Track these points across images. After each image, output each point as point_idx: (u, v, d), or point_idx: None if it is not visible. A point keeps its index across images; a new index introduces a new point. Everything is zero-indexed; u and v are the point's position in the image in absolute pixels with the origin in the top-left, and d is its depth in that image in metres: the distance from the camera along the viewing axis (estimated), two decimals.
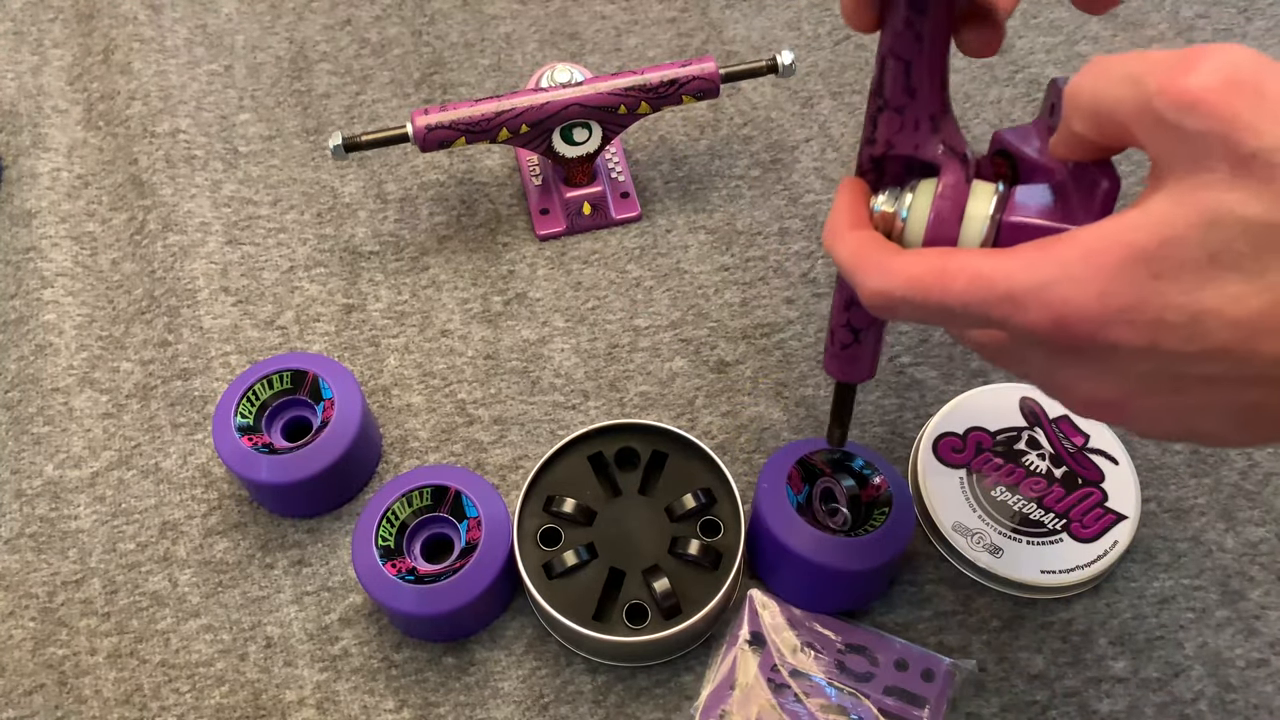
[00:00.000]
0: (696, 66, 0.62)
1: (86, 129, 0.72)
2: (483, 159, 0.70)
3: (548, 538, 0.53)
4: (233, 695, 0.54)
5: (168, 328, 0.64)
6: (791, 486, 0.52)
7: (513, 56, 0.75)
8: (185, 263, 0.66)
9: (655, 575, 0.52)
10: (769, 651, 0.52)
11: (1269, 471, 0.57)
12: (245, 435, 0.55)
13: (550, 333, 0.63)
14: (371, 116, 0.72)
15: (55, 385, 0.62)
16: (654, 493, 0.55)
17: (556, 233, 0.66)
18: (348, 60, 0.75)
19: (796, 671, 0.51)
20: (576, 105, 0.61)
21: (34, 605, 0.56)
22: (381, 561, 0.51)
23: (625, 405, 0.61)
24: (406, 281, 0.65)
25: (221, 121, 0.72)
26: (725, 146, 0.70)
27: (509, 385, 0.61)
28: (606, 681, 0.53)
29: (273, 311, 0.64)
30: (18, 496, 0.59)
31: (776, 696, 0.51)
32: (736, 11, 0.76)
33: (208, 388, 0.62)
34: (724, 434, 0.60)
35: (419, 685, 0.53)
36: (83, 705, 0.54)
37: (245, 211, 0.68)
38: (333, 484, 0.56)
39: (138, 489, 0.59)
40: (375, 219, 0.68)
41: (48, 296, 0.65)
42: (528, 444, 0.60)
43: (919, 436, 0.58)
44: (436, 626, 0.53)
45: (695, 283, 0.65)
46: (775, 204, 0.67)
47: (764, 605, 0.53)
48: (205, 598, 0.56)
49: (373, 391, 0.62)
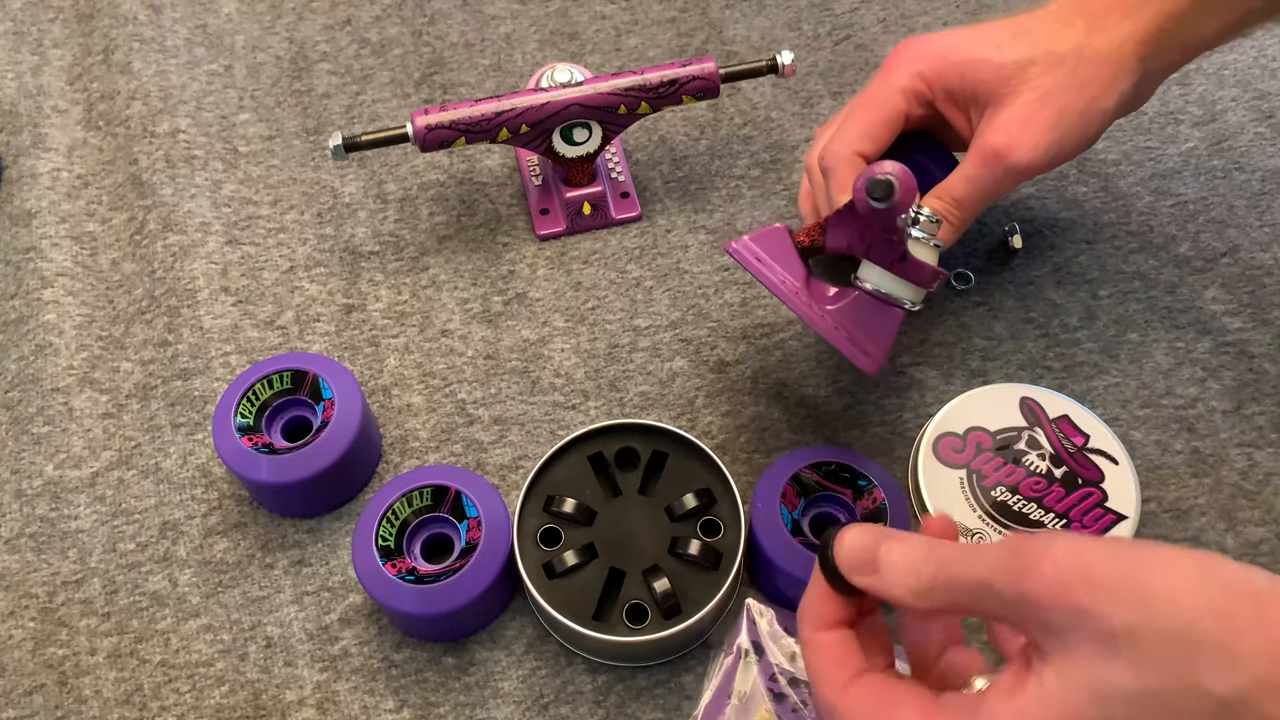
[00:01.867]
0: (696, 66, 0.62)
1: (86, 129, 0.72)
2: (483, 159, 0.70)
3: (548, 538, 0.53)
4: (233, 695, 0.54)
5: (168, 328, 0.64)
6: (786, 504, 0.53)
7: (513, 56, 0.75)
8: (185, 263, 0.66)
9: (655, 575, 0.52)
10: (767, 660, 0.52)
11: (1269, 472, 0.57)
12: (245, 435, 0.55)
13: (550, 333, 0.63)
14: (371, 116, 0.72)
15: (55, 385, 0.62)
16: (654, 493, 0.55)
17: (556, 233, 0.66)
18: (348, 60, 0.75)
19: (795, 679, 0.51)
20: (576, 105, 0.61)
21: (34, 605, 0.56)
22: (381, 561, 0.51)
23: (625, 405, 0.61)
24: (406, 281, 0.65)
25: (221, 121, 0.72)
26: (725, 146, 0.70)
27: (509, 385, 0.61)
28: (606, 682, 0.53)
29: (273, 311, 0.64)
30: (18, 496, 0.59)
31: (776, 705, 0.51)
32: (736, 11, 0.76)
33: (208, 388, 0.62)
34: (724, 434, 0.60)
35: (419, 685, 0.53)
36: (83, 705, 0.54)
37: (245, 211, 0.68)
38: (333, 484, 0.56)
39: (138, 489, 0.59)
40: (375, 219, 0.68)
41: (48, 296, 0.65)
42: (528, 444, 0.60)
43: (919, 436, 0.58)
44: (436, 626, 0.53)
45: (695, 283, 0.65)
46: (775, 204, 0.67)
47: (760, 613, 0.53)
48: (205, 598, 0.56)
49: (373, 391, 0.62)
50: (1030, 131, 0.51)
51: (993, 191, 0.53)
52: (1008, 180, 0.52)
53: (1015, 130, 0.51)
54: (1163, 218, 0.65)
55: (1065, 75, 0.51)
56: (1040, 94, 0.51)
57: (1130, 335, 0.61)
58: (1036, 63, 0.51)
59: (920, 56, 0.54)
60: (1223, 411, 0.59)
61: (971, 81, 0.53)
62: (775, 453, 0.59)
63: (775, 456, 0.58)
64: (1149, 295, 0.63)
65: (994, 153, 0.51)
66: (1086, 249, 0.64)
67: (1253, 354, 0.60)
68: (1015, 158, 0.51)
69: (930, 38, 0.55)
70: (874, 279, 0.51)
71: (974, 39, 0.54)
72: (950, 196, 0.53)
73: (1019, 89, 0.52)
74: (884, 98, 0.54)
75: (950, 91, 0.54)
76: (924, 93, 0.54)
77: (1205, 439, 0.58)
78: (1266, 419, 0.58)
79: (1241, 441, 0.58)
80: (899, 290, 0.51)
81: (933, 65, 0.54)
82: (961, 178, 0.53)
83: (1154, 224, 0.65)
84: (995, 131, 0.52)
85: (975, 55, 0.53)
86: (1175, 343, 0.61)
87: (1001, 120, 0.52)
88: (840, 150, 0.54)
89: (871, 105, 0.54)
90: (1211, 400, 0.59)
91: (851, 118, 0.55)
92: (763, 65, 0.63)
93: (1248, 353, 0.60)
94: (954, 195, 0.53)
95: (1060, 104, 0.51)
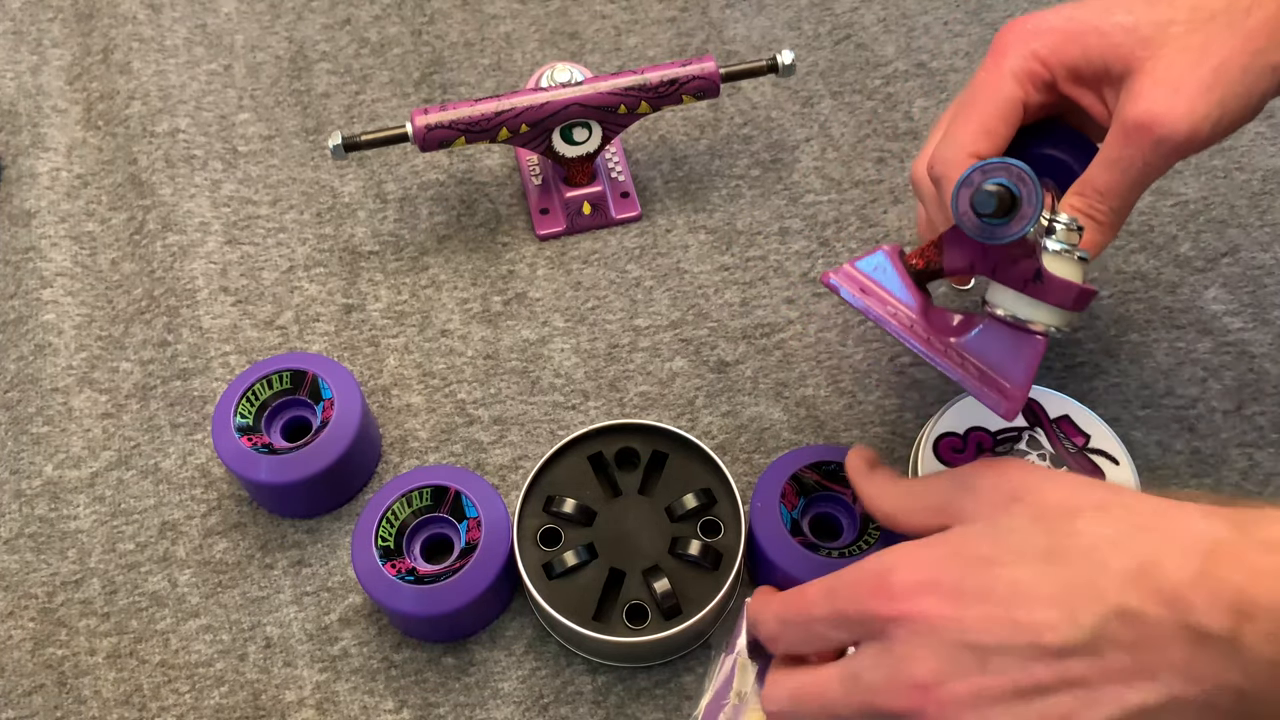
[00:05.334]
0: (696, 66, 0.62)
1: (86, 129, 0.72)
2: (483, 159, 0.70)
3: (548, 538, 0.53)
4: (232, 695, 0.53)
5: (167, 328, 0.64)
6: (786, 504, 0.52)
7: (513, 56, 0.75)
8: (185, 262, 0.66)
9: (655, 575, 0.52)
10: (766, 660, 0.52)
11: (1270, 472, 0.57)
12: (245, 435, 0.55)
13: (550, 333, 0.63)
14: (371, 116, 0.72)
15: (55, 385, 0.62)
16: (654, 493, 0.55)
17: (556, 233, 0.66)
18: (347, 60, 0.75)
19: None
20: (576, 105, 0.61)
21: (33, 605, 0.56)
22: (381, 562, 0.51)
23: (625, 405, 0.61)
24: (406, 281, 0.65)
25: (221, 121, 0.72)
26: (725, 146, 0.70)
27: (509, 385, 0.61)
28: (606, 682, 0.53)
29: (272, 311, 0.64)
30: (17, 496, 0.59)
31: None
32: (736, 11, 0.76)
33: (207, 388, 0.62)
34: (724, 434, 0.59)
35: (419, 685, 0.53)
36: (82, 705, 0.54)
37: (245, 211, 0.68)
38: (332, 484, 0.56)
39: (137, 489, 0.59)
40: (375, 219, 0.68)
41: (47, 296, 0.65)
42: (528, 444, 0.60)
43: (919, 437, 0.58)
44: (436, 627, 0.53)
45: (695, 283, 0.65)
46: (775, 204, 0.67)
47: None
48: (205, 598, 0.56)
49: (372, 391, 0.62)
50: (1183, 95, 0.42)
51: (1146, 176, 0.44)
52: (1161, 158, 0.43)
53: (1164, 96, 0.42)
54: (1163, 218, 0.65)
55: (1220, 28, 0.43)
56: (1191, 51, 0.43)
57: (1131, 335, 0.61)
58: (1178, 21, 0.43)
59: (1034, 33, 0.46)
60: (1223, 412, 0.59)
61: (1100, 50, 0.44)
62: (775, 453, 0.59)
63: (775, 456, 0.58)
64: (1149, 295, 0.63)
65: (1139, 124, 0.43)
66: None
67: (1253, 354, 0.60)
68: (1168, 127, 0.42)
69: (1041, 13, 0.46)
70: (1006, 304, 0.43)
71: (1098, 7, 0.45)
72: (1093, 189, 0.45)
73: (1162, 48, 0.43)
74: (996, 86, 0.46)
75: (1074, 69, 0.46)
76: (1042, 75, 0.46)
77: (1206, 439, 0.58)
78: (1267, 419, 0.58)
79: (1242, 442, 0.58)
80: (1038, 315, 0.42)
81: (1049, 41, 0.45)
82: (1104, 163, 0.44)
83: (1154, 224, 0.65)
84: (1138, 100, 0.43)
85: (1101, 23, 0.45)
86: (1176, 343, 0.61)
87: (1144, 87, 0.43)
88: (952, 154, 0.46)
89: (982, 97, 0.46)
90: (1212, 400, 0.59)
91: (961, 115, 0.47)
92: (763, 65, 0.63)
93: (1248, 353, 0.60)
94: (1097, 187, 0.45)
95: (1217, 60, 0.42)
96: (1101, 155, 0.45)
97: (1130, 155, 0.43)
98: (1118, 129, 0.44)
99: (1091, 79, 0.46)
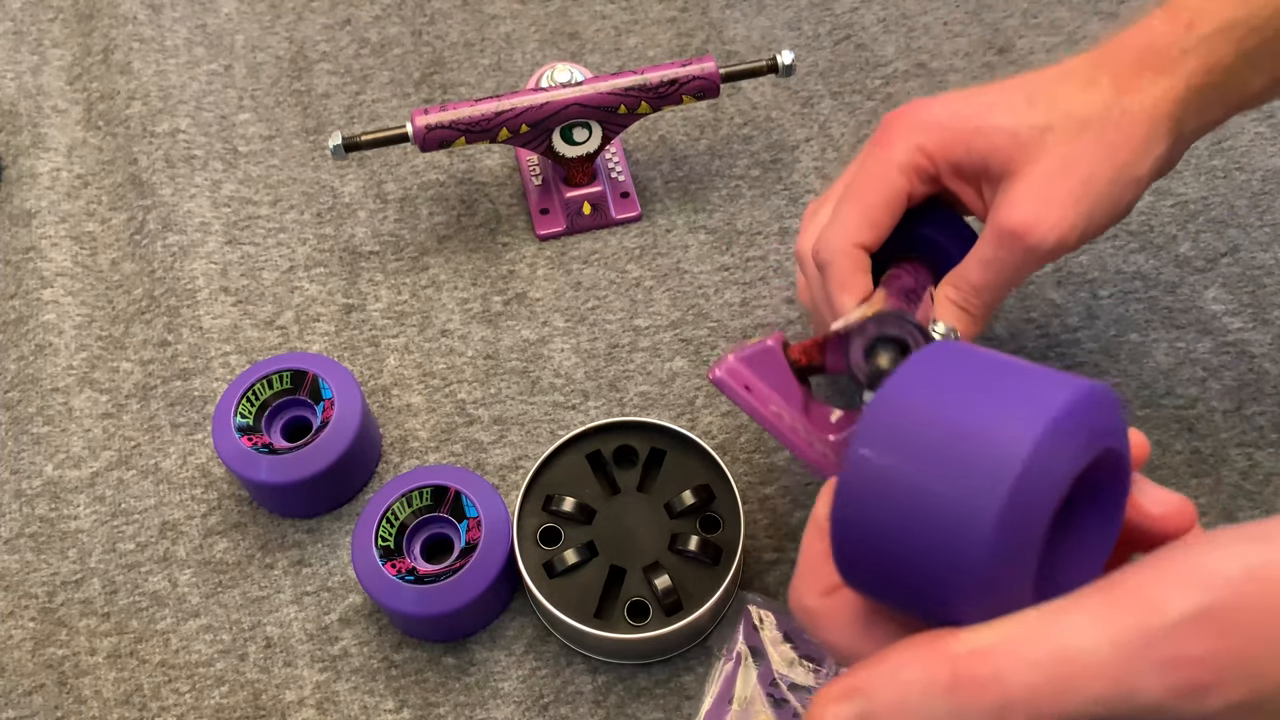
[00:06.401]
0: (696, 66, 0.62)
1: (86, 129, 0.72)
2: (483, 159, 0.70)
3: (548, 537, 0.53)
4: (232, 695, 0.53)
5: (167, 328, 0.64)
6: None
7: (513, 56, 0.75)
8: (185, 263, 0.66)
9: (656, 572, 0.52)
10: (768, 665, 0.52)
11: (1270, 472, 0.57)
12: (245, 435, 0.55)
13: (550, 333, 0.63)
14: (371, 116, 0.72)
15: (55, 385, 0.62)
16: (653, 490, 0.55)
17: (556, 233, 0.66)
18: (348, 60, 0.75)
19: (795, 685, 0.51)
20: (576, 105, 0.61)
21: (34, 605, 0.56)
22: (381, 561, 0.51)
23: (625, 405, 0.61)
24: (406, 281, 0.65)
25: (221, 121, 0.72)
26: (725, 146, 0.70)
27: (509, 385, 0.61)
28: (607, 681, 0.53)
29: (272, 311, 0.64)
30: (17, 496, 0.59)
31: (775, 711, 0.50)
32: (736, 11, 0.76)
33: (207, 388, 0.62)
34: (724, 434, 0.60)
35: (419, 685, 0.53)
36: (82, 705, 0.54)
37: (245, 211, 0.68)
38: (333, 484, 0.56)
39: (137, 489, 0.59)
40: (375, 219, 0.68)
41: (47, 296, 0.65)
42: (527, 444, 0.60)
43: None
44: (436, 626, 0.53)
45: (695, 283, 0.65)
46: (775, 204, 0.67)
47: (761, 619, 0.53)
48: (205, 598, 0.56)
49: (373, 391, 0.62)
50: (1053, 207, 0.45)
51: (1015, 276, 0.47)
52: (1031, 263, 0.46)
53: (1034, 206, 0.45)
54: (1163, 217, 0.65)
55: (1090, 141, 0.45)
56: (1062, 163, 0.45)
57: (1130, 335, 0.61)
58: (1054, 129, 0.45)
59: (920, 127, 0.48)
60: (1223, 412, 0.59)
61: (981, 152, 0.47)
62: (775, 453, 0.59)
63: (775, 456, 0.58)
64: (1149, 295, 0.63)
65: (1013, 232, 0.45)
66: (1086, 249, 0.64)
67: (1253, 354, 0.60)
68: (1037, 237, 0.45)
69: (929, 103, 0.49)
70: None
71: (981, 104, 0.48)
72: (967, 284, 0.48)
73: (1037, 157, 0.45)
74: (881, 176, 0.48)
75: (957, 165, 0.48)
76: (927, 168, 0.48)
77: (1205, 439, 0.58)
78: (1267, 419, 0.58)
79: (1242, 442, 0.58)
80: None
81: (935, 136, 0.47)
82: (978, 262, 0.47)
83: (1154, 224, 0.65)
84: (1012, 208, 0.46)
85: (984, 123, 0.47)
86: (1175, 343, 0.61)
87: (1018, 195, 0.46)
88: (837, 242, 0.48)
89: (868, 186, 0.48)
90: (1212, 400, 0.59)
91: (846, 202, 0.48)
92: (763, 65, 0.63)
93: (1248, 353, 0.60)
94: (971, 282, 0.47)
95: (1085, 173, 0.45)
96: (976, 253, 0.47)
97: (1003, 258, 0.46)
98: (992, 232, 0.46)
99: (971, 175, 0.48)
